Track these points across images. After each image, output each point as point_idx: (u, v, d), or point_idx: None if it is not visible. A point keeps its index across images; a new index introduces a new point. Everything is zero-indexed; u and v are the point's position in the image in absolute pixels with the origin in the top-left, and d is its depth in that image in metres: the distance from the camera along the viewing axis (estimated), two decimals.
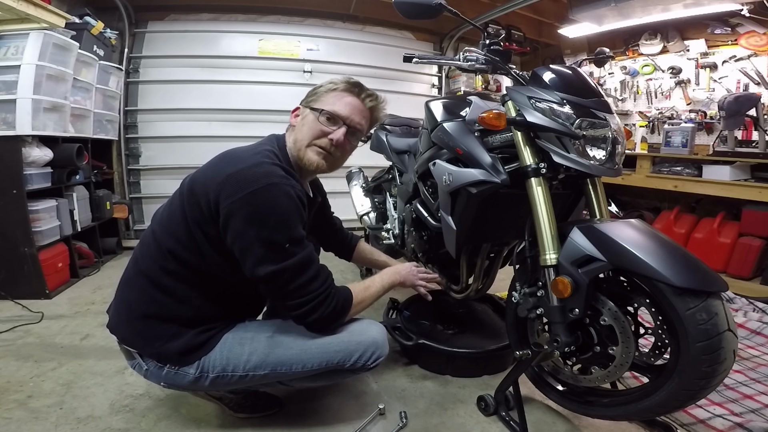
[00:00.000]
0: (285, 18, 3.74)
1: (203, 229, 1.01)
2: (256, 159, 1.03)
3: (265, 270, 0.98)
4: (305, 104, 1.18)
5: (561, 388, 1.25)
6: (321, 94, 1.17)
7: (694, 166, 2.80)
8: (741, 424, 1.24)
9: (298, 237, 1.01)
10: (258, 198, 0.96)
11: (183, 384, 1.08)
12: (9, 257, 2.08)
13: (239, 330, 1.11)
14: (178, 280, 1.04)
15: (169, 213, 1.08)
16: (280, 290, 1.02)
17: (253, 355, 1.07)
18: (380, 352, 1.15)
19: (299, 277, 1.01)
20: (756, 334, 1.91)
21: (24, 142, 2.09)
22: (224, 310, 1.12)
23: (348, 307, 1.11)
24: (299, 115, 1.18)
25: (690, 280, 0.88)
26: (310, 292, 1.02)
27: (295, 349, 1.09)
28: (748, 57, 2.87)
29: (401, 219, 1.96)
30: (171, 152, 3.55)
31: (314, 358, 1.08)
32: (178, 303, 1.05)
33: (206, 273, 1.06)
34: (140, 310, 1.05)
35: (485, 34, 1.32)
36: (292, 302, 1.03)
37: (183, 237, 1.03)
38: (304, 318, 1.05)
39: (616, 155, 1.13)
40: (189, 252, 1.03)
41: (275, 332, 1.12)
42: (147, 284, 1.05)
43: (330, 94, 1.17)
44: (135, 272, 1.08)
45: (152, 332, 1.04)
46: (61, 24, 1.74)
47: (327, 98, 1.16)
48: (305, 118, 1.16)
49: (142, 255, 1.09)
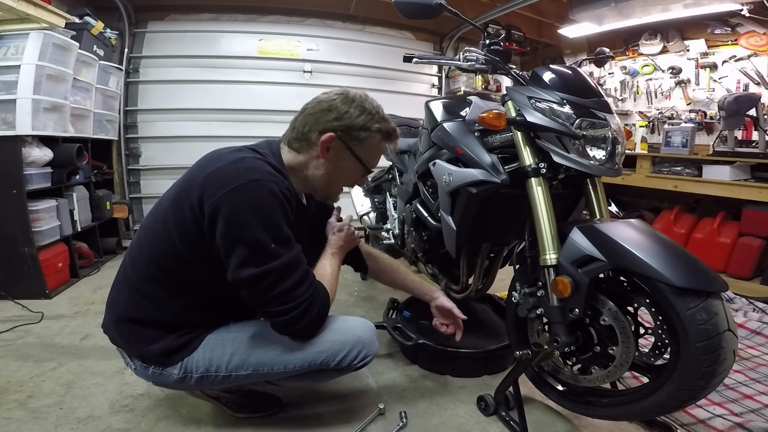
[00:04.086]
0: (285, 18, 3.74)
1: (186, 235, 0.97)
2: (237, 155, 1.00)
3: (249, 272, 0.92)
4: (345, 139, 1.07)
5: (561, 388, 1.25)
6: (368, 140, 1.09)
7: (694, 166, 2.80)
8: (741, 424, 1.24)
9: (283, 236, 0.96)
10: (240, 195, 0.91)
11: (170, 383, 1.08)
12: (9, 257, 2.08)
13: (222, 330, 1.09)
14: (160, 287, 1.03)
15: (153, 220, 1.06)
16: (263, 295, 0.95)
17: (235, 356, 1.05)
18: (367, 351, 1.11)
19: (285, 280, 0.94)
20: (756, 334, 1.91)
21: (24, 142, 2.09)
22: (208, 316, 1.09)
23: (329, 305, 1.06)
24: (330, 149, 1.07)
25: (690, 280, 0.88)
26: (296, 297, 0.96)
27: (277, 350, 1.06)
28: (748, 57, 2.87)
29: (401, 219, 1.96)
30: (171, 152, 3.55)
31: (296, 359, 1.05)
32: (159, 309, 1.03)
33: (189, 281, 1.03)
34: (125, 313, 1.05)
35: (485, 34, 1.32)
36: (276, 308, 0.96)
37: (165, 244, 1.00)
38: (291, 326, 0.99)
39: (616, 155, 1.13)
40: (171, 260, 1.00)
41: (257, 332, 1.09)
42: (132, 289, 1.04)
43: (378, 144, 1.12)
44: (123, 276, 1.08)
45: (135, 335, 1.04)
46: (61, 24, 1.74)
47: (376, 149, 1.13)
48: (343, 163, 1.09)
49: (130, 260, 1.08)
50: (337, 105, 1.07)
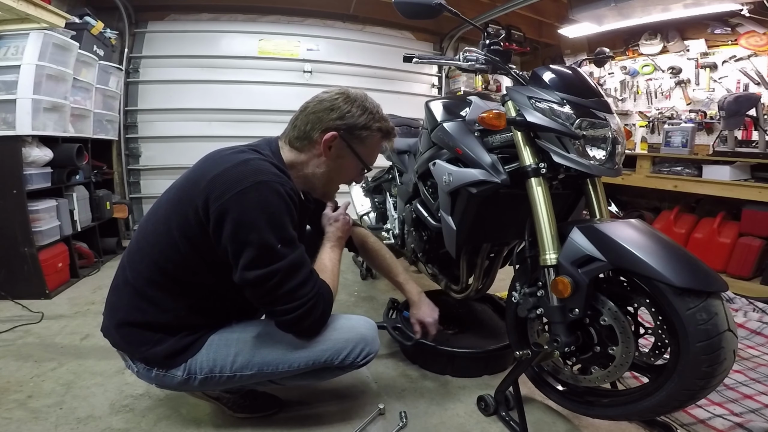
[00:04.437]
0: (285, 18, 3.74)
1: (189, 238, 0.97)
2: (241, 157, 0.99)
3: (255, 273, 0.93)
4: (348, 139, 1.09)
5: (561, 388, 1.25)
6: (369, 138, 1.11)
7: (694, 166, 2.80)
8: (741, 424, 1.24)
9: (289, 237, 0.96)
10: (248, 197, 0.91)
11: (173, 385, 1.08)
12: (9, 257, 2.08)
13: (225, 331, 1.09)
14: (162, 290, 1.03)
15: (153, 223, 1.06)
16: (268, 295, 0.96)
17: (239, 356, 1.05)
18: (369, 349, 1.12)
19: (290, 280, 0.95)
20: (756, 334, 1.91)
21: (24, 142, 2.09)
22: (211, 318, 1.09)
23: (332, 302, 1.07)
24: (332, 147, 1.08)
25: (690, 280, 0.88)
26: (300, 296, 0.97)
27: (281, 349, 1.06)
28: (748, 57, 2.87)
29: (401, 219, 1.96)
30: (171, 152, 3.55)
31: (300, 358, 1.06)
32: (162, 312, 1.03)
33: (191, 283, 1.03)
34: (126, 317, 1.04)
35: (485, 34, 1.32)
36: (281, 308, 0.97)
37: (167, 247, 1.00)
38: (296, 325, 1.00)
39: (616, 155, 1.13)
40: (173, 263, 1.00)
41: (261, 332, 1.09)
42: (132, 293, 1.04)
43: (378, 143, 1.14)
44: (122, 280, 1.07)
45: (138, 338, 1.03)
46: (61, 24, 1.75)
47: (375, 147, 1.15)
48: (344, 160, 1.11)
49: (129, 263, 1.07)
50: (340, 104, 1.08)
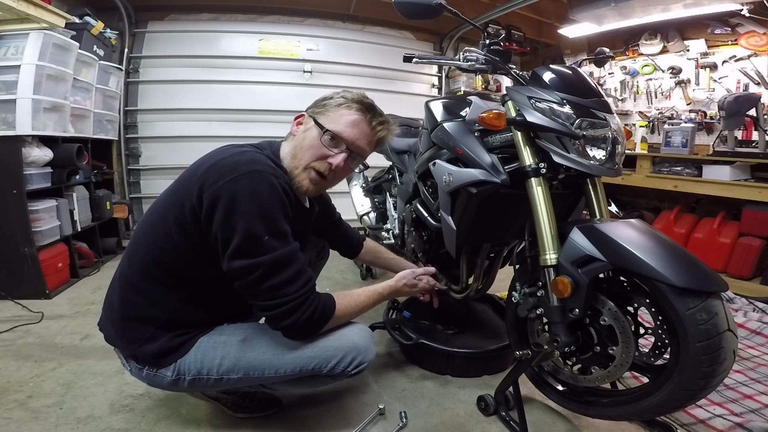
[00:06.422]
0: (285, 18, 3.74)
1: (185, 228, 0.97)
2: (238, 149, 1.01)
3: (239, 263, 0.92)
4: (311, 113, 1.12)
5: (561, 388, 1.25)
6: (330, 107, 1.10)
7: (694, 166, 2.80)
8: (741, 424, 1.24)
9: (279, 231, 0.95)
10: (239, 185, 0.91)
11: (164, 385, 1.07)
12: (9, 257, 2.08)
13: (214, 333, 1.08)
14: (155, 282, 1.03)
15: (150, 215, 1.07)
16: (251, 287, 0.95)
17: (225, 360, 1.03)
18: (362, 358, 1.07)
19: (274, 276, 0.93)
20: (756, 334, 1.91)
21: (24, 142, 2.09)
22: (204, 314, 1.09)
23: (327, 317, 1.03)
24: (302, 124, 1.13)
25: (690, 280, 0.88)
26: (284, 294, 0.94)
27: (267, 354, 1.04)
28: (748, 57, 2.87)
29: (401, 219, 1.96)
30: (171, 152, 3.55)
31: (287, 364, 1.04)
32: (154, 306, 1.03)
33: (185, 276, 1.03)
34: (120, 310, 1.04)
35: (485, 34, 1.32)
36: (261, 303, 0.96)
37: (162, 239, 1.00)
38: (276, 322, 0.98)
39: (616, 155, 1.13)
40: (168, 254, 1.00)
41: (249, 336, 1.07)
42: (127, 286, 1.04)
43: (339, 110, 1.10)
44: (119, 273, 1.08)
45: (130, 333, 1.03)
46: (61, 24, 1.75)
47: (335, 114, 1.09)
48: (308, 132, 1.10)
49: (127, 256, 1.08)
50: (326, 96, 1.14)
